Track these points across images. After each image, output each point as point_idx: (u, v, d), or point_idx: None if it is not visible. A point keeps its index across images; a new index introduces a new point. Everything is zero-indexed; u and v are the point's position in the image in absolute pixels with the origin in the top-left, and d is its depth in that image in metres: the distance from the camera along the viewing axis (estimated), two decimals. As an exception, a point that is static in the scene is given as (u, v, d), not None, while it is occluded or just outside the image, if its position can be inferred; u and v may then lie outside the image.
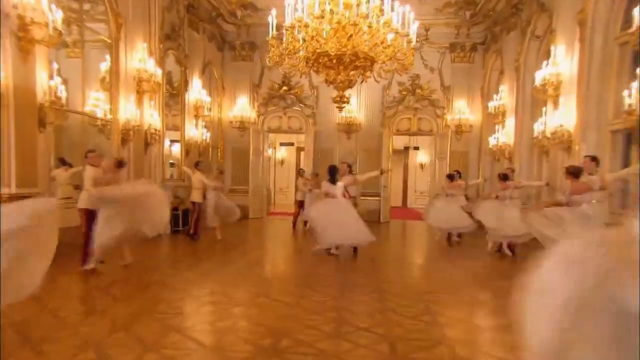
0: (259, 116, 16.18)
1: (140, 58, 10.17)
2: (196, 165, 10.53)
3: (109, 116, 9.64)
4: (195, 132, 13.38)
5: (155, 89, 10.53)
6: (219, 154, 15.74)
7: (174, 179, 12.59)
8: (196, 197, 10.28)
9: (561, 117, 9.01)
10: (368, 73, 6.89)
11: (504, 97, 12.64)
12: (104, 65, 9.90)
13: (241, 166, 15.95)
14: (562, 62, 9.26)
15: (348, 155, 15.72)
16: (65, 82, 8.32)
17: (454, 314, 5.02)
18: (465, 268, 7.75)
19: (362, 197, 15.45)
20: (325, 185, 8.58)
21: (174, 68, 12.52)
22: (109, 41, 9.57)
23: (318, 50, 6.30)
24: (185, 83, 12.78)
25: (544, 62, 9.59)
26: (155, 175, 10.91)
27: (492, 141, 13.39)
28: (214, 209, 10.02)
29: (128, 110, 9.87)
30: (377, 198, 15.57)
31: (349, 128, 15.58)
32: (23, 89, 6.92)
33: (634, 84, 7.19)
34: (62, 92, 7.97)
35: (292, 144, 20.55)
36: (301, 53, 6.75)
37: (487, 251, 9.18)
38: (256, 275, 6.89)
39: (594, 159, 6.91)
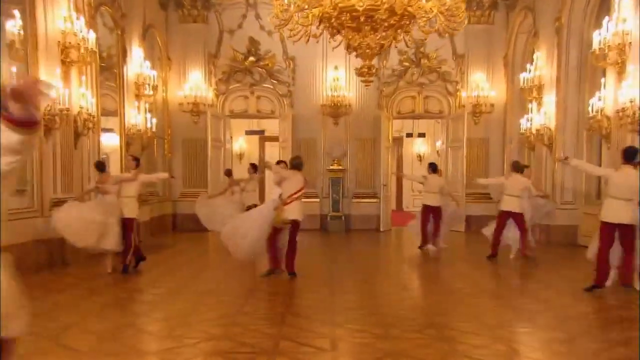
0: (217, 96, 15.45)
1: (65, 16, 9.27)
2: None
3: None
4: (139, 118, 12.48)
5: (87, 59, 9.63)
6: (165, 147, 14.90)
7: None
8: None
9: (629, 91, 8.78)
10: (400, 36, 6.35)
11: (541, 66, 12.40)
12: (12, 25, 8.93)
13: (196, 163, 15.13)
14: (628, 18, 9.03)
15: (336, 147, 15.26)
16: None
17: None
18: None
19: (355, 200, 15.07)
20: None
21: (103, 32, 11.55)
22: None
23: (340, 5, 5.70)
24: (123, 52, 11.87)
25: (605, 19, 9.34)
26: (90, 176, 9.99)
27: (524, 124, 13.13)
28: None
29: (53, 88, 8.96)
30: (374, 200, 15.11)
31: (337, 111, 15.05)
32: None
33: None
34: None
35: (262, 132, 19.81)
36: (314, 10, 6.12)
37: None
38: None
39: None
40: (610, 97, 9.62)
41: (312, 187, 15.27)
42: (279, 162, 9.87)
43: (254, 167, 12.87)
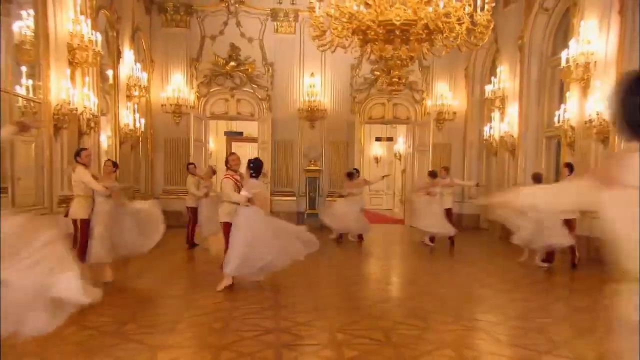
0: (199, 98, 15.22)
1: (73, 19, 8.97)
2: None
3: (31, 95, 8.36)
4: (130, 118, 12.16)
5: (92, 60, 9.34)
6: (148, 146, 14.54)
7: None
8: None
9: (595, 104, 9.35)
10: (425, 48, 6.55)
11: (504, 79, 12.98)
12: (21, 27, 8.56)
13: (177, 162, 14.83)
14: (592, 40, 9.59)
15: (312, 149, 15.38)
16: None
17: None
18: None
19: (329, 198, 15.18)
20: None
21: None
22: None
23: (380, 18, 5.83)
24: (118, 54, 11.55)
25: (571, 42, 9.90)
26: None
27: (487, 131, 13.70)
28: None
29: (61, 89, 8.65)
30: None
31: (313, 115, 15.17)
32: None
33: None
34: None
35: (241, 134, 19.60)
36: (335, 22, 6.23)
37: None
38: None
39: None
40: (574, 109, 10.16)
41: (289, 186, 15.41)
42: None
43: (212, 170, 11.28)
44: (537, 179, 9.19)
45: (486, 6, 6.07)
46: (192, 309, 5.78)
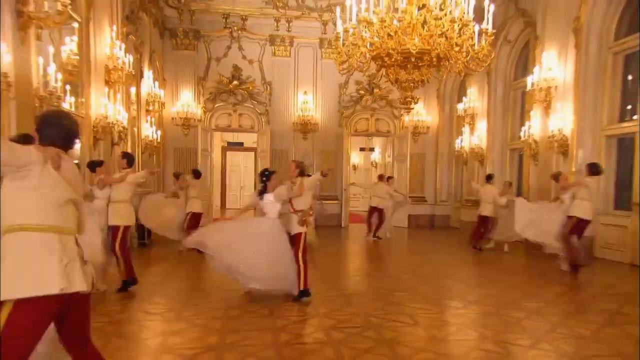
0: (205, 113, 15.37)
1: (109, 44, 9.11)
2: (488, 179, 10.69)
3: (73, 109, 8.46)
4: (149, 130, 12.29)
5: (126, 79, 9.50)
6: (160, 155, 14.60)
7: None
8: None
9: (556, 122, 9.99)
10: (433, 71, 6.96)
11: (473, 99, 13.59)
12: (66, 50, 8.66)
13: (185, 169, 14.88)
14: (553, 68, 10.23)
15: (304, 158, 15.66)
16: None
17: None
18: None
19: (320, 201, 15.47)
20: (252, 197, 6.66)
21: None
22: (79, 20, 8.39)
23: (400, 48, 6.21)
24: (141, 74, 11.68)
25: (535, 68, 10.51)
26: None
27: (458, 144, 14.28)
28: None
29: (100, 105, 8.79)
30: (336, 201, 15.72)
31: (306, 128, 15.52)
32: (22, 79, 5.85)
33: None
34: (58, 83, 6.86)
35: (241, 144, 19.74)
36: (363, 49, 6.61)
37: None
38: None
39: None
40: (538, 126, 10.78)
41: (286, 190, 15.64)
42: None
43: (195, 173, 10.69)
44: (489, 177, 10.65)
45: (487, 39, 6.50)
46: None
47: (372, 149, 17.62)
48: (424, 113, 15.89)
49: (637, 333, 4.72)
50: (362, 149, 18.23)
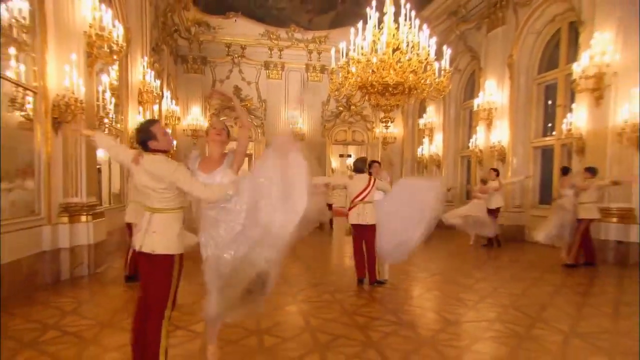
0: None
1: (142, 71, 9.75)
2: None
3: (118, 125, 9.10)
4: (169, 140, 12.89)
5: (155, 100, 10.15)
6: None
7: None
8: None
9: (496, 136, 11.07)
10: (405, 98, 7.87)
11: (431, 116, 14.62)
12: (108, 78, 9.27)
13: (196, 172, 15.53)
14: (493, 93, 11.30)
15: (294, 162, 16.44)
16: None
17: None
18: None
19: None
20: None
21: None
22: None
23: (381, 80, 7.09)
24: (162, 94, 12.27)
25: (480, 92, 11.58)
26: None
27: (420, 152, 15.31)
28: None
29: (135, 121, 9.42)
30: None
31: (294, 138, 16.26)
32: (89, 104, 6.51)
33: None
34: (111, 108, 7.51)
35: None
36: (351, 80, 7.47)
37: None
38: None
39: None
40: (482, 138, 11.83)
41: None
42: None
43: None
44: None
45: (446, 75, 7.46)
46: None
47: (349, 155, 18.59)
48: (391, 126, 16.82)
49: (546, 292, 5.72)
50: (341, 155, 19.03)
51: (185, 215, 3.07)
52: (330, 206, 14.16)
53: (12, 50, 5.36)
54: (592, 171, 7.41)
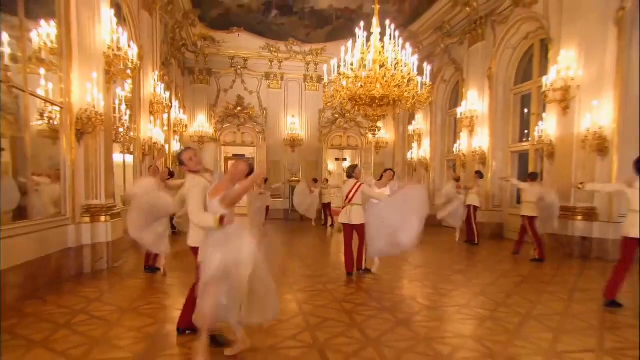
0: (216, 132, 16.44)
1: (153, 84, 10.19)
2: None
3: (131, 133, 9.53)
4: (177, 146, 13.33)
5: (165, 110, 10.58)
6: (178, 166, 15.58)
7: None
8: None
9: (478, 141, 11.51)
10: (391, 109, 8.29)
11: (420, 123, 15.07)
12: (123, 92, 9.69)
13: (202, 175, 15.96)
14: (475, 102, 11.75)
15: (293, 166, 16.92)
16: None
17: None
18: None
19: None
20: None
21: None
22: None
23: (368, 93, 7.53)
24: (171, 104, 12.71)
25: (462, 102, 12.02)
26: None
27: (409, 156, 15.75)
28: None
29: (147, 129, 9.87)
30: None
31: (293, 143, 16.74)
32: (107, 116, 6.94)
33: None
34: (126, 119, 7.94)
35: (243, 155, 20.72)
36: (342, 93, 7.90)
37: None
38: None
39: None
40: (465, 144, 12.27)
41: (278, 191, 16.84)
42: None
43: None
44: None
45: (426, 88, 7.89)
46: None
47: (344, 159, 19.04)
48: (383, 132, 17.32)
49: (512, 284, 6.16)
50: (337, 159, 19.52)
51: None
52: (328, 205, 14.62)
53: (42, 71, 5.81)
54: (533, 176, 8.13)
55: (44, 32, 5.84)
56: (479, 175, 10.23)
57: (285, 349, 3.72)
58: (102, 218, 6.73)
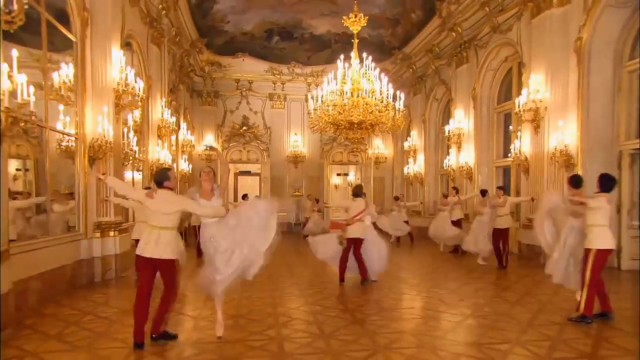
0: (223, 150, 17.42)
1: (161, 110, 11.20)
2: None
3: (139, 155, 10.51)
4: (185, 165, 14.34)
5: (171, 133, 11.57)
6: (190, 182, 16.58)
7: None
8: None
9: (465, 157, 12.18)
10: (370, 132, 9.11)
11: (415, 139, 15.79)
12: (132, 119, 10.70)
13: (209, 191, 16.91)
14: (462, 120, 12.45)
15: (296, 182, 17.77)
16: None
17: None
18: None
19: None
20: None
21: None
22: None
23: (347, 118, 8.38)
24: (179, 126, 13.75)
25: (451, 120, 12.74)
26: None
27: (406, 170, 16.43)
28: None
29: (155, 151, 10.84)
30: (320, 213, 17.65)
31: (296, 159, 17.62)
32: (116, 143, 7.91)
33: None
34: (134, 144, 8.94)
35: (249, 172, 21.72)
36: (325, 118, 8.75)
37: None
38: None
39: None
40: (454, 159, 12.93)
41: (282, 206, 17.65)
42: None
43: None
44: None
45: (400, 113, 8.70)
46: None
47: (346, 174, 19.83)
48: (383, 147, 18.08)
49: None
50: (338, 174, 20.34)
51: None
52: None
53: (60, 107, 6.82)
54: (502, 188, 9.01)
55: (63, 73, 6.86)
56: (456, 190, 10.86)
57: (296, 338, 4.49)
58: (111, 233, 7.65)
